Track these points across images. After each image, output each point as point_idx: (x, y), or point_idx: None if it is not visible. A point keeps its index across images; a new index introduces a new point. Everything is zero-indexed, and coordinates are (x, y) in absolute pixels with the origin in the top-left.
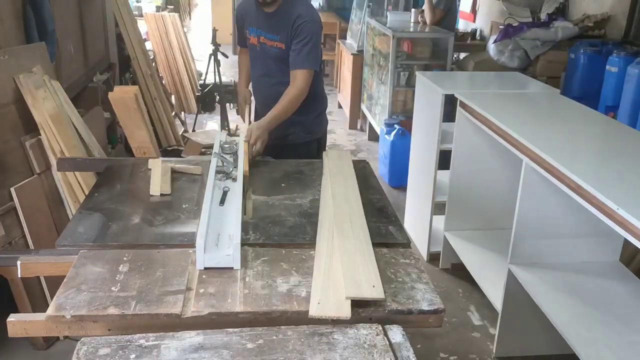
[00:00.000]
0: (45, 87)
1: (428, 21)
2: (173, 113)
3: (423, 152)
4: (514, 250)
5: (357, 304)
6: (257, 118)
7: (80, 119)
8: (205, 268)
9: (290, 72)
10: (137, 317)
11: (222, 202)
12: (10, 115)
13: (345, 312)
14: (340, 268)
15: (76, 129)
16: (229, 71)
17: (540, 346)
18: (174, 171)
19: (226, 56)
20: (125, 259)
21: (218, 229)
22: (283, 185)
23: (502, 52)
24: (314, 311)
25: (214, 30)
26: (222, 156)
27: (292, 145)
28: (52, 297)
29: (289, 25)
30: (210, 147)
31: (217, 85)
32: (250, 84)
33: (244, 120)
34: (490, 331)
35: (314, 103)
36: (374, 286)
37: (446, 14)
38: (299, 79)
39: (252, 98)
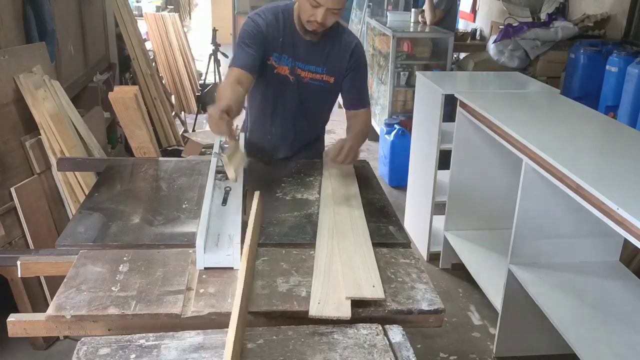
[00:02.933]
0: (45, 87)
1: (428, 21)
2: (173, 113)
3: (423, 152)
4: (514, 250)
5: (357, 304)
6: (253, 144)
7: (80, 119)
8: (205, 268)
9: (348, 113)
10: (137, 317)
11: (224, 202)
12: (11, 115)
13: (345, 312)
14: (340, 268)
15: (76, 129)
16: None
17: (540, 346)
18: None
19: (226, 56)
20: (125, 258)
21: (218, 228)
22: (283, 185)
23: (502, 52)
24: (314, 311)
25: (214, 30)
26: (222, 156)
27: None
28: (52, 297)
29: (344, 56)
30: (210, 147)
31: (217, 85)
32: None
33: (232, 179)
34: (490, 331)
35: (325, 123)
36: (374, 286)
37: (446, 14)
38: (364, 117)
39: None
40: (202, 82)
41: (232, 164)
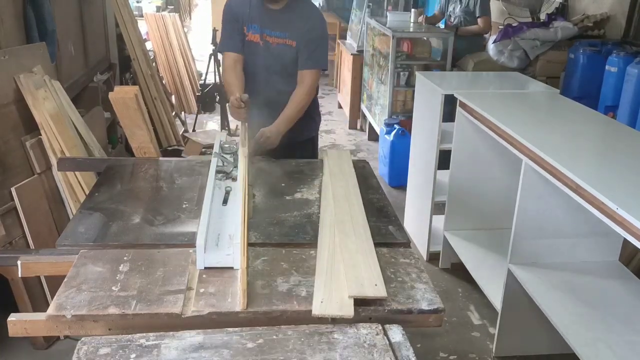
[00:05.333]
0: (45, 87)
1: (479, 30)
2: (173, 113)
3: (423, 152)
4: (514, 250)
5: (359, 303)
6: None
7: (80, 119)
8: (206, 268)
9: (298, 73)
10: (137, 317)
11: (225, 201)
12: (11, 115)
13: (348, 310)
14: (342, 267)
15: (76, 129)
16: None
17: (540, 346)
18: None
19: None
20: (125, 258)
21: (218, 228)
22: (283, 184)
23: (502, 52)
24: (317, 310)
25: (214, 31)
26: (222, 156)
27: (287, 146)
28: (52, 297)
29: (302, 23)
30: (211, 147)
31: (217, 85)
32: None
33: (244, 147)
34: (489, 330)
35: (312, 103)
36: (376, 285)
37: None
38: (308, 79)
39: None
40: (202, 82)
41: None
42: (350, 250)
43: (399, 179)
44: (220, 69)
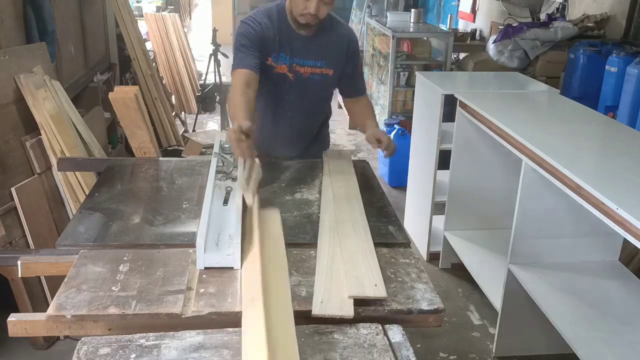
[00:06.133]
0: (45, 87)
1: None
2: (173, 113)
3: (423, 152)
4: (514, 250)
5: (359, 303)
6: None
7: (80, 119)
8: (206, 268)
9: (348, 101)
10: (137, 317)
11: (225, 202)
12: (11, 115)
13: (348, 310)
14: (342, 267)
15: (76, 129)
16: (229, 71)
17: (540, 346)
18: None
19: (226, 56)
20: (125, 258)
21: (218, 228)
22: (283, 184)
23: (502, 52)
24: (317, 310)
25: (214, 31)
26: (222, 156)
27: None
28: (52, 297)
29: (341, 49)
30: (211, 147)
31: (218, 86)
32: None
33: (250, 204)
34: (489, 330)
35: (328, 120)
36: (376, 285)
37: None
38: (365, 99)
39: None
40: (203, 82)
41: (250, 187)
42: (351, 250)
43: (399, 179)
44: (220, 69)
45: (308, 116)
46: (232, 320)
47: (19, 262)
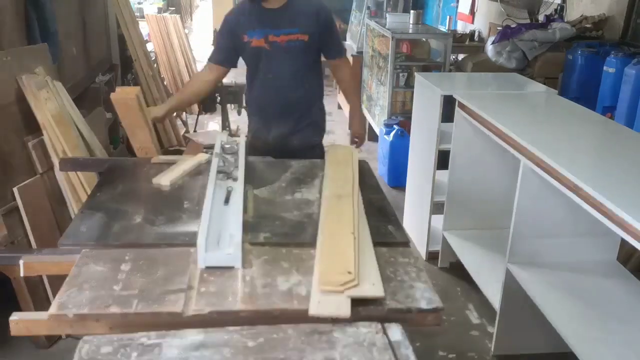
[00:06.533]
0: (47, 87)
1: None
2: (174, 114)
3: (422, 153)
4: (512, 250)
5: (357, 303)
6: (253, 129)
7: (82, 119)
8: (207, 267)
9: (330, 64)
10: (138, 316)
11: (226, 201)
12: (13, 116)
13: (345, 310)
14: None
15: (78, 129)
16: (230, 72)
17: (538, 344)
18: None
19: None
20: (127, 258)
21: (219, 228)
22: (284, 184)
23: (500, 53)
24: (314, 310)
25: (215, 32)
26: (223, 156)
27: (299, 150)
28: (54, 296)
29: (310, 17)
30: (212, 147)
31: (218, 86)
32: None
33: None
34: (488, 329)
35: (321, 100)
36: (373, 284)
37: None
38: (345, 65)
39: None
40: None
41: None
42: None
43: (398, 179)
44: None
45: (295, 84)
46: (233, 319)
47: (21, 262)
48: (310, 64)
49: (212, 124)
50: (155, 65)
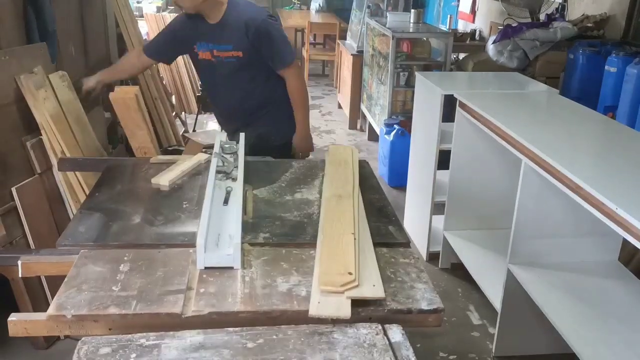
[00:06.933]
0: (46, 87)
1: None
2: (174, 113)
3: (422, 152)
4: (513, 250)
5: (357, 303)
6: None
7: (84, 116)
8: (206, 268)
9: (279, 73)
10: (137, 317)
11: (225, 201)
12: (12, 116)
13: (345, 311)
14: None
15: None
16: None
17: (540, 345)
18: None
19: None
20: (125, 258)
21: (218, 228)
22: (284, 184)
23: (501, 52)
24: (314, 311)
25: None
26: (222, 156)
27: (264, 149)
28: (52, 297)
29: (241, 32)
30: (211, 147)
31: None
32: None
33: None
34: (489, 330)
35: (275, 105)
36: (374, 285)
37: None
38: (291, 74)
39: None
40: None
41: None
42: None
43: (398, 179)
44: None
45: (240, 88)
46: (233, 320)
47: (19, 262)
48: (255, 75)
49: (211, 123)
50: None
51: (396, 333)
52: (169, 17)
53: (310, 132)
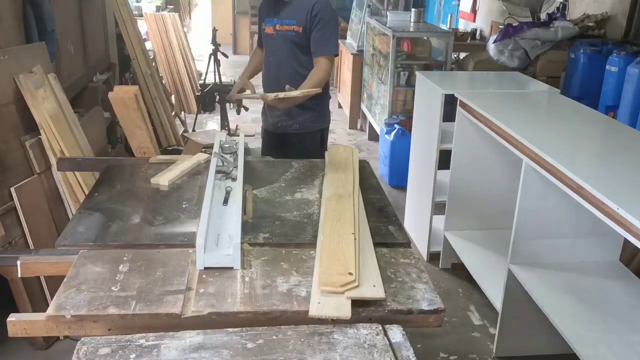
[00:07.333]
0: (45, 86)
1: None
2: (173, 113)
3: (423, 152)
4: (514, 250)
5: (358, 304)
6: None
7: (76, 120)
8: (205, 268)
9: (313, 59)
10: (137, 317)
11: (225, 201)
12: (11, 115)
13: (346, 312)
14: None
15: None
16: (229, 71)
17: (540, 346)
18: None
19: (226, 56)
20: (125, 258)
21: (218, 228)
22: (283, 184)
23: (502, 51)
24: (314, 311)
25: (214, 30)
26: (222, 156)
27: (297, 135)
28: (52, 297)
29: (305, 11)
30: (210, 146)
31: (217, 85)
32: (258, 76)
33: (238, 112)
34: (490, 331)
35: (324, 92)
36: (374, 286)
37: None
38: (322, 64)
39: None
40: (202, 81)
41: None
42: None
43: (399, 179)
44: (220, 68)
45: (290, 69)
46: (232, 320)
47: (18, 262)
48: (303, 50)
49: (211, 123)
50: (153, 64)
51: (396, 333)
52: (168, 16)
53: (288, 105)
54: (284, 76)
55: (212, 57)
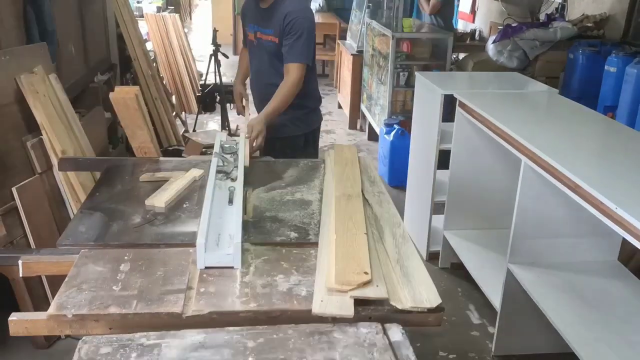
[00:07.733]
0: (46, 87)
1: (426, 10)
2: (174, 113)
3: (422, 152)
4: (513, 250)
5: (358, 303)
6: (256, 113)
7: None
8: (206, 267)
9: (284, 66)
10: (138, 316)
11: (230, 201)
12: (12, 115)
13: (348, 310)
14: None
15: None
16: (230, 71)
17: (539, 345)
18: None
19: (226, 56)
20: (126, 258)
21: (219, 228)
22: (283, 184)
23: (501, 52)
24: (317, 309)
25: (214, 31)
26: (222, 156)
27: (280, 139)
28: (53, 296)
29: (280, 20)
30: (211, 147)
31: (218, 86)
32: (248, 80)
33: (243, 115)
34: (489, 330)
35: (303, 100)
36: (377, 286)
37: (443, 4)
38: (292, 72)
39: (249, 94)
40: (203, 82)
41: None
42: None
43: (398, 179)
44: (221, 69)
45: (270, 78)
46: (233, 320)
47: (20, 262)
48: (281, 61)
49: (211, 123)
50: (154, 64)
51: (396, 332)
52: (169, 17)
53: (263, 125)
54: (264, 86)
55: (213, 57)
